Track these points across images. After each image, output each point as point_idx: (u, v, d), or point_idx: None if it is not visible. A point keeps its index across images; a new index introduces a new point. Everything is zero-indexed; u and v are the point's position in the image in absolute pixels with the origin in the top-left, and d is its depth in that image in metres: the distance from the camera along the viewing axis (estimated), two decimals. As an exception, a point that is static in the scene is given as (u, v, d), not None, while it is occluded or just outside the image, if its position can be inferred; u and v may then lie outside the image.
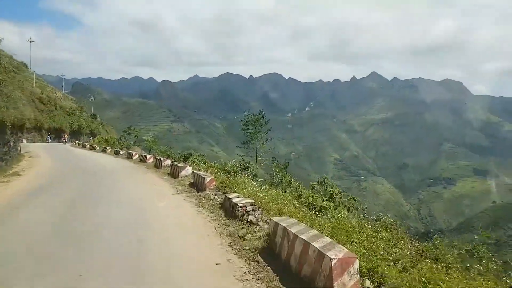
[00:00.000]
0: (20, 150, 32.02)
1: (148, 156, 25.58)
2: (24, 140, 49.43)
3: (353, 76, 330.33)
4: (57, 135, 62.39)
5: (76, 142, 51.78)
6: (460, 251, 5.98)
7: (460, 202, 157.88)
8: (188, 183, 15.09)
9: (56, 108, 65.20)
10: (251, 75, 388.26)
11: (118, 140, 44.90)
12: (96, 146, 40.25)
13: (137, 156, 28.93)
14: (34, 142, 52.57)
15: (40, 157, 29.25)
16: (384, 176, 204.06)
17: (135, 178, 17.21)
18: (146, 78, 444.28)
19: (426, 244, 6.55)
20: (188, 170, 16.88)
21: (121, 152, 32.72)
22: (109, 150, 36.74)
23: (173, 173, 17.65)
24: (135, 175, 18.66)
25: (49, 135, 52.48)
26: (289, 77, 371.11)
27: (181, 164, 17.23)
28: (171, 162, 20.89)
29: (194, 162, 21.03)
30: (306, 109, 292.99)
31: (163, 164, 21.17)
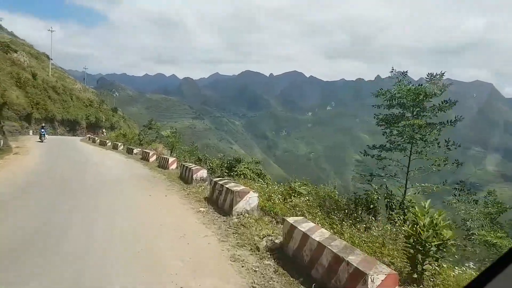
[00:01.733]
0: (5, 144, 24.37)
1: (170, 160, 16.92)
2: (31, 132, 42.00)
3: (378, 75, 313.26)
4: (71, 127, 55.11)
5: (87, 136, 43.90)
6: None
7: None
8: (267, 239, 6.26)
9: (71, 99, 57.88)
10: (272, 73, 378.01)
11: (138, 135, 37.31)
12: (107, 141, 32.17)
13: (155, 157, 20.39)
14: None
15: (28, 154, 21.48)
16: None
17: (143, 215, 8.31)
18: (169, 75, 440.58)
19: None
20: (252, 200, 8.04)
21: (134, 151, 24.36)
22: (121, 147, 28.52)
23: (218, 201, 8.92)
24: (145, 202, 9.84)
25: (42, 127, 33.64)
26: (310, 76, 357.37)
27: (236, 187, 8.32)
28: (209, 177, 12.22)
29: (244, 176, 12.30)
30: (327, 108, 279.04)
31: (194, 176, 12.45)
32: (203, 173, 12.59)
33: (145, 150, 22.68)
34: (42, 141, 30.99)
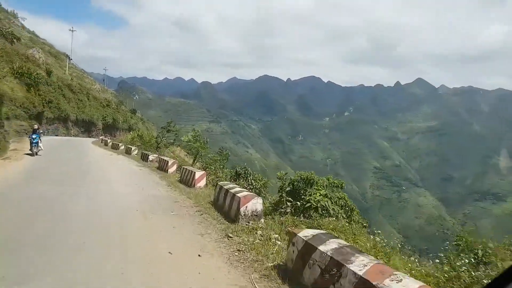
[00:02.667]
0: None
1: (197, 174, 11.86)
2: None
3: (397, 81, 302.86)
4: (86, 128, 51.18)
5: (100, 137, 39.66)
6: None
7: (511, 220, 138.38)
8: None
9: (88, 99, 54.10)
10: (289, 78, 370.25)
11: (156, 138, 33.07)
12: (120, 144, 27.59)
13: (175, 167, 15.48)
14: (57, 135, 41.36)
15: (22, 159, 17.01)
16: (427, 188, 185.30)
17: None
18: (188, 79, 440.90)
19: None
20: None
21: (150, 158, 19.55)
22: (135, 151, 23.83)
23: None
24: (159, 275, 4.72)
25: (35, 131, 19.17)
26: (328, 81, 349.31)
27: (392, 280, 3.22)
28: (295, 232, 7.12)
29: (325, 211, 7.19)
30: (345, 113, 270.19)
31: (241, 209, 7.32)
32: (256, 204, 7.45)
33: (162, 157, 17.79)
34: (34, 154, 18.09)
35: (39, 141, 18.93)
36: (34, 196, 9.13)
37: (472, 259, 5.12)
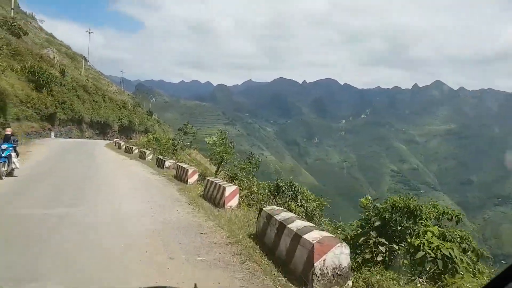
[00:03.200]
0: None
1: (228, 190, 8.84)
2: (53, 134, 36.13)
3: (415, 83, 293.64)
4: (101, 130, 49.25)
5: (114, 140, 37.43)
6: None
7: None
8: None
9: (104, 100, 52.27)
10: (305, 80, 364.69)
11: (172, 141, 30.88)
12: (134, 147, 25.07)
13: (195, 177, 12.59)
14: (70, 137, 39.36)
15: (23, 164, 14.52)
16: (446, 192, 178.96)
17: None
18: (204, 81, 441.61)
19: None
20: None
21: (166, 164, 16.79)
22: (150, 156, 21.18)
23: None
24: None
25: (8, 137, 12.01)
26: (345, 83, 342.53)
27: None
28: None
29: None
30: (362, 116, 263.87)
31: (315, 264, 4.33)
32: (339, 256, 4.38)
33: (181, 164, 14.96)
34: (2, 176, 11.10)
35: (13, 154, 11.64)
36: (8, 221, 6.39)
37: None
